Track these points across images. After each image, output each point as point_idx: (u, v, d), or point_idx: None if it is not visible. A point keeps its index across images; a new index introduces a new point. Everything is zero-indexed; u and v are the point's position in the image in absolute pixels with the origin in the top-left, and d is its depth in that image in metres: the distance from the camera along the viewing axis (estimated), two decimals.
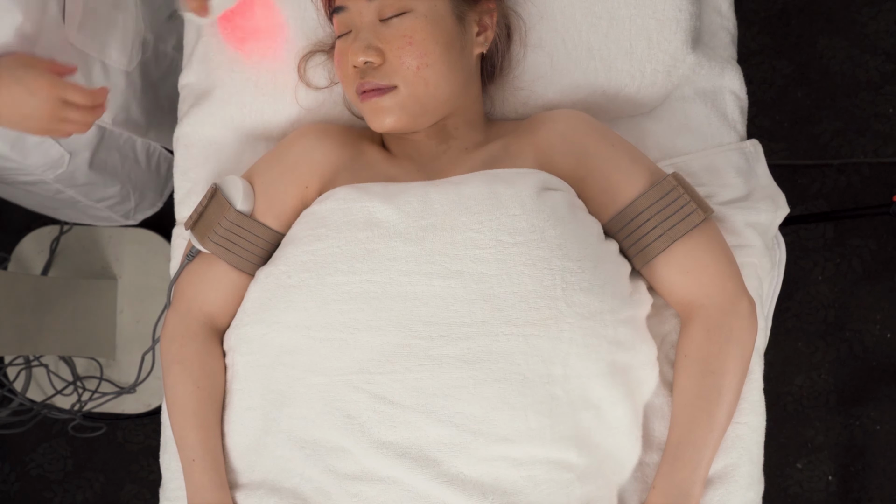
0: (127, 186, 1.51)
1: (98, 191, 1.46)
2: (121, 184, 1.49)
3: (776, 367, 1.72)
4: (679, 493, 0.93)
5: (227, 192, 1.03)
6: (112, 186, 1.48)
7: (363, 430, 0.89)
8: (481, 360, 0.88)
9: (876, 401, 1.72)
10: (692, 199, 0.97)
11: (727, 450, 0.99)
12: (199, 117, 1.18)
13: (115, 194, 1.51)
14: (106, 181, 1.44)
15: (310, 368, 0.92)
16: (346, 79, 1.03)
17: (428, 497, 0.87)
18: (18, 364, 1.78)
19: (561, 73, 1.14)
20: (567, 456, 0.90)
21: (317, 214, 0.98)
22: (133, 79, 1.32)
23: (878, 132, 1.78)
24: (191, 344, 1.01)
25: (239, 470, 0.98)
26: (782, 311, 1.73)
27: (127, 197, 1.55)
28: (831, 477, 1.71)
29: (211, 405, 0.99)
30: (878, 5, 1.82)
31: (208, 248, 1.01)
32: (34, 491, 1.88)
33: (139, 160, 1.49)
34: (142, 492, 1.84)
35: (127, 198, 1.55)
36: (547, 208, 0.93)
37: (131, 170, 1.48)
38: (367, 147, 1.08)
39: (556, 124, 1.04)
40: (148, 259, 1.80)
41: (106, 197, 1.51)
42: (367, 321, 0.91)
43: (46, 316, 1.61)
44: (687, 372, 0.97)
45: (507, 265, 0.91)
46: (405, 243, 0.93)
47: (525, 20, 1.13)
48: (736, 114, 1.16)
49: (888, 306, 1.73)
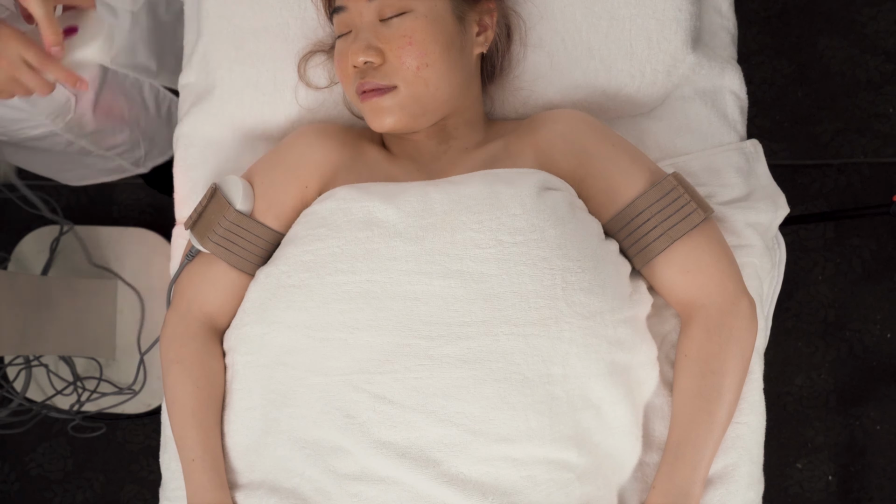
0: (136, 132, 1.49)
1: (107, 138, 1.44)
2: (129, 129, 1.47)
3: (776, 367, 1.72)
4: (679, 492, 0.93)
5: (226, 191, 1.03)
6: (121, 133, 1.46)
7: (363, 430, 0.89)
8: (481, 360, 0.88)
9: (876, 401, 1.72)
10: (692, 199, 0.97)
11: (727, 450, 0.98)
12: (199, 117, 1.18)
13: (125, 141, 1.49)
14: (114, 127, 1.43)
15: (310, 368, 0.92)
16: (345, 79, 1.03)
17: (428, 497, 0.87)
18: (18, 364, 1.78)
19: (561, 73, 1.14)
20: (567, 456, 0.90)
21: (317, 214, 0.98)
22: (139, 19, 1.29)
23: (878, 132, 1.78)
24: (190, 344, 1.01)
25: (239, 470, 0.98)
26: (782, 311, 1.73)
27: (137, 144, 1.52)
28: (831, 477, 1.71)
29: (211, 405, 0.99)
30: (878, 5, 1.82)
31: (208, 248, 1.01)
32: (34, 491, 1.88)
33: (147, 105, 1.47)
34: (142, 492, 1.84)
35: (137, 145, 1.53)
36: (547, 208, 0.93)
37: (139, 115, 1.46)
38: (367, 147, 1.08)
39: (557, 124, 1.04)
40: (148, 259, 1.80)
41: (116, 144, 1.48)
42: (368, 321, 0.91)
43: (46, 316, 1.61)
44: (687, 372, 0.97)
45: (508, 265, 0.91)
46: (405, 243, 0.93)
47: (525, 20, 1.13)
48: (736, 114, 1.16)
49: (888, 306, 1.73)
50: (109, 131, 1.43)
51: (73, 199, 1.91)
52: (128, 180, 1.89)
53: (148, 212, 1.89)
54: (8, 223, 1.91)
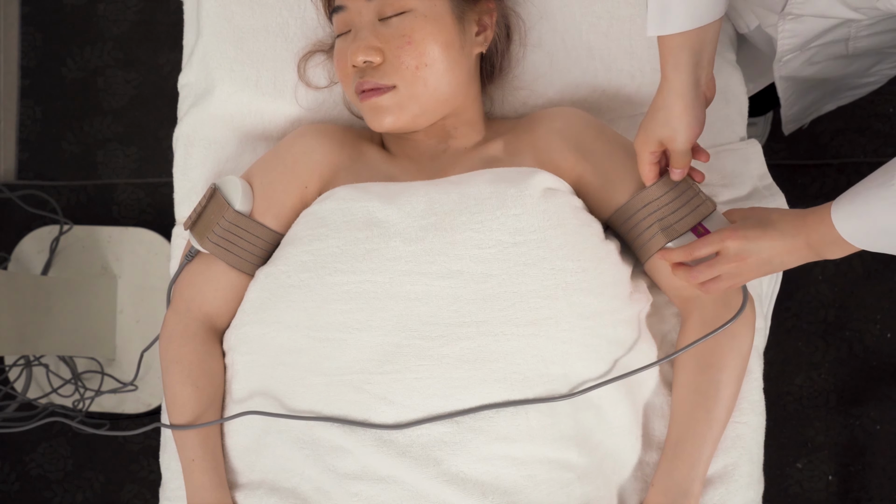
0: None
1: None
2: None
3: (776, 366, 1.72)
4: (678, 490, 0.93)
5: (225, 192, 1.03)
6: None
7: (363, 430, 0.89)
8: (481, 360, 0.88)
9: (876, 401, 1.72)
10: (699, 193, 0.97)
11: (727, 449, 0.98)
12: (199, 117, 1.18)
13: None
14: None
15: (309, 368, 0.92)
16: (345, 78, 1.03)
17: (428, 496, 0.87)
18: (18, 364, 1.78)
19: (561, 73, 1.14)
20: (567, 455, 0.90)
21: (317, 214, 0.98)
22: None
23: (878, 132, 1.78)
24: (190, 344, 1.01)
25: (239, 470, 0.98)
26: (782, 310, 1.73)
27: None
28: (831, 477, 1.71)
29: (210, 405, 0.99)
30: None
31: (207, 248, 1.01)
32: (34, 491, 1.88)
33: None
34: (142, 492, 1.84)
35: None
36: (548, 208, 0.93)
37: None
38: (367, 147, 1.08)
39: (555, 122, 1.04)
40: (148, 259, 1.80)
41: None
42: (367, 321, 0.91)
43: (46, 316, 1.61)
44: (685, 368, 0.97)
45: (508, 265, 0.91)
46: (405, 243, 0.93)
47: (525, 20, 1.13)
48: (736, 114, 1.16)
49: (888, 306, 1.73)
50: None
51: (73, 199, 1.91)
52: (128, 180, 1.89)
53: (148, 212, 1.89)
54: (8, 223, 1.91)
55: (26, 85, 1.96)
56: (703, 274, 0.90)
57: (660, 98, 0.90)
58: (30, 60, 1.96)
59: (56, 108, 1.94)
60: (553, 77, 1.14)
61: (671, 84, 0.89)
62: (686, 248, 0.92)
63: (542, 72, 1.14)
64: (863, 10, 0.93)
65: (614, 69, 1.13)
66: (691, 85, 0.88)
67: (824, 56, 1.11)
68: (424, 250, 0.92)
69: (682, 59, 0.87)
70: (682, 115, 0.89)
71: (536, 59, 1.14)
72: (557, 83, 1.14)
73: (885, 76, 1.24)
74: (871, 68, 1.19)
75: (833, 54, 1.10)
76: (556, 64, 1.14)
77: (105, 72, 1.93)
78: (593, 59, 1.13)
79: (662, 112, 0.90)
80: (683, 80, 0.88)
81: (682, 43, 0.87)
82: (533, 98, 1.15)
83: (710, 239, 0.90)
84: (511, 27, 1.12)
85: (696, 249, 0.91)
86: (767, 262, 0.88)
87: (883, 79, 1.25)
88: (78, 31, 1.95)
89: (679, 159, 0.93)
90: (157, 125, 1.91)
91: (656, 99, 0.91)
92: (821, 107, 1.38)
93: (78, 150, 1.93)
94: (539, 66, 1.14)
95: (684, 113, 0.89)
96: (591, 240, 0.96)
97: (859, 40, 1.06)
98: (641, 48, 1.12)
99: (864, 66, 1.17)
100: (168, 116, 1.87)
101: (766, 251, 0.87)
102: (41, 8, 1.97)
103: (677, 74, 0.88)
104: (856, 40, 1.06)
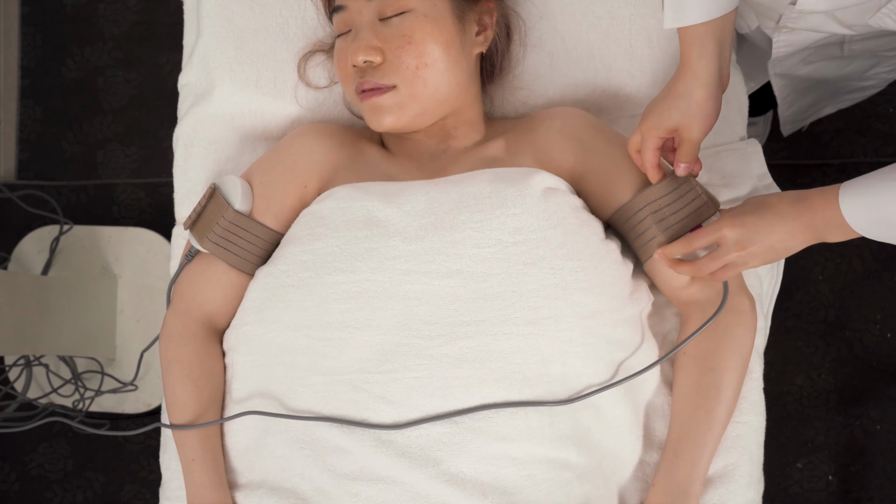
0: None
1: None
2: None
3: (776, 366, 1.72)
4: (679, 490, 0.93)
5: (225, 191, 1.03)
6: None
7: (363, 430, 0.89)
8: (481, 360, 0.88)
9: (876, 401, 1.72)
10: (703, 193, 0.97)
11: (727, 449, 0.99)
12: (199, 117, 1.18)
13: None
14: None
15: (309, 368, 0.92)
16: (345, 78, 1.03)
17: (427, 496, 0.87)
18: (18, 364, 1.78)
19: (561, 73, 1.14)
20: (566, 455, 0.90)
21: (316, 214, 0.98)
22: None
23: (878, 132, 1.78)
24: (190, 343, 1.01)
25: (238, 470, 0.98)
26: (782, 310, 1.73)
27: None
28: (831, 477, 1.71)
29: (210, 405, 0.99)
30: None
31: (206, 248, 1.01)
32: (34, 491, 1.88)
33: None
34: (142, 492, 1.84)
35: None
36: (548, 207, 0.93)
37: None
38: (367, 146, 1.08)
39: (554, 122, 1.04)
40: (148, 259, 1.80)
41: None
42: (367, 320, 0.91)
43: (46, 316, 1.61)
44: (686, 369, 0.97)
45: (508, 264, 0.91)
46: (405, 242, 0.93)
47: (525, 20, 1.13)
48: (736, 114, 1.16)
49: (888, 306, 1.73)
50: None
51: (73, 199, 1.91)
52: (128, 180, 1.89)
53: (148, 212, 1.89)
54: (8, 223, 1.91)
55: (26, 85, 1.96)
56: (708, 266, 0.90)
57: (680, 85, 0.90)
58: (30, 60, 1.96)
59: (56, 107, 1.94)
60: (553, 77, 1.14)
61: (696, 72, 0.88)
62: (684, 240, 0.92)
63: (542, 72, 1.14)
64: (855, 27, 0.94)
65: (614, 69, 1.13)
66: (715, 74, 0.88)
67: (819, 56, 1.11)
68: (424, 249, 0.92)
69: (707, 48, 0.87)
70: (704, 103, 0.89)
71: (536, 59, 1.14)
72: (557, 83, 1.14)
73: (883, 80, 1.24)
74: (868, 71, 1.19)
75: (828, 55, 1.10)
76: (556, 64, 1.14)
77: (105, 72, 1.93)
78: (593, 59, 1.13)
79: (683, 100, 0.89)
80: (708, 68, 0.88)
81: (707, 31, 0.86)
82: (533, 98, 1.15)
83: (707, 229, 0.90)
84: (511, 27, 1.12)
85: (694, 241, 0.91)
86: (771, 249, 0.88)
87: (882, 83, 1.25)
88: (78, 31, 1.95)
89: (688, 151, 0.92)
90: (157, 125, 1.91)
91: (675, 86, 0.90)
92: (819, 109, 1.38)
93: (78, 150, 1.93)
94: (539, 66, 1.14)
95: (706, 102, 0.89)
96: (591, 239, 0.95)
97: (854, 43, 1.06)
98: (641, 48, 1.12)
99: (861, 68, 1.17)
100: (168, 116, 1.88)
101: (766, 237, 0.87)
102: (41, 8, 1.97)
103: (703, 63, 0.87)
104: (851, 43, 1.07)
